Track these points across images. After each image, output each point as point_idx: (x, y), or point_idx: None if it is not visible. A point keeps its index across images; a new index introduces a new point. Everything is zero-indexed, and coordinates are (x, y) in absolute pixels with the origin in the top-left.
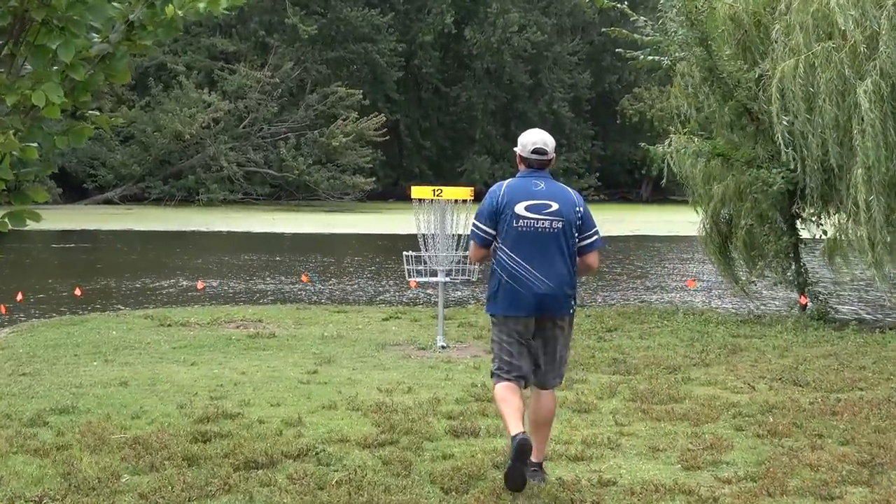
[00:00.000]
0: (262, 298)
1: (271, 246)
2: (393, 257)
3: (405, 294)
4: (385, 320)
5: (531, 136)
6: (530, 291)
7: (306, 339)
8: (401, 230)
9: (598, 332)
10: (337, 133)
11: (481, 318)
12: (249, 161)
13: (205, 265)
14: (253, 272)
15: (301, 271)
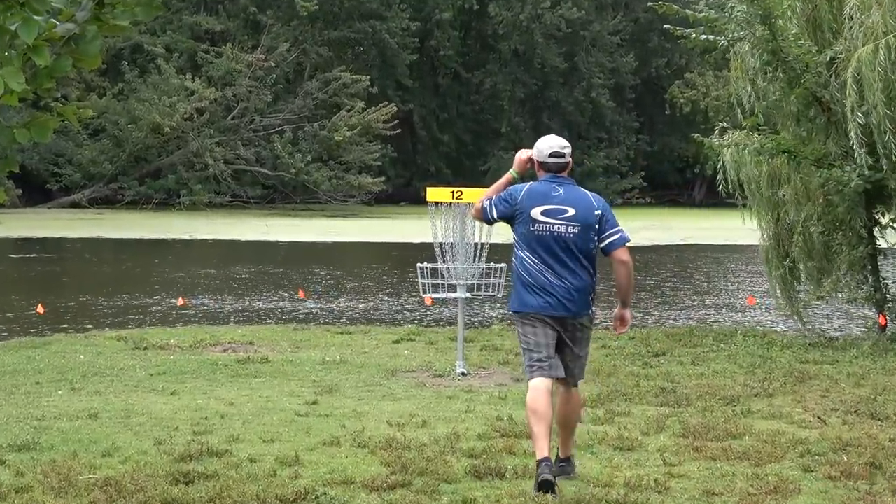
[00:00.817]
0: (254, 317)
1: (264, 256)
2: (405, 270)
3: (419, 312)
4: (396, 343)
5: (547, 141)
6: (548, 293)
7: (304, 365)
8: (414, 238)
9: (644, 357)
10: (340, 126)
11: (508, 340)
12: (239, 158)
13: (187, 279)
14: (243, 287)
15: (298, 286)
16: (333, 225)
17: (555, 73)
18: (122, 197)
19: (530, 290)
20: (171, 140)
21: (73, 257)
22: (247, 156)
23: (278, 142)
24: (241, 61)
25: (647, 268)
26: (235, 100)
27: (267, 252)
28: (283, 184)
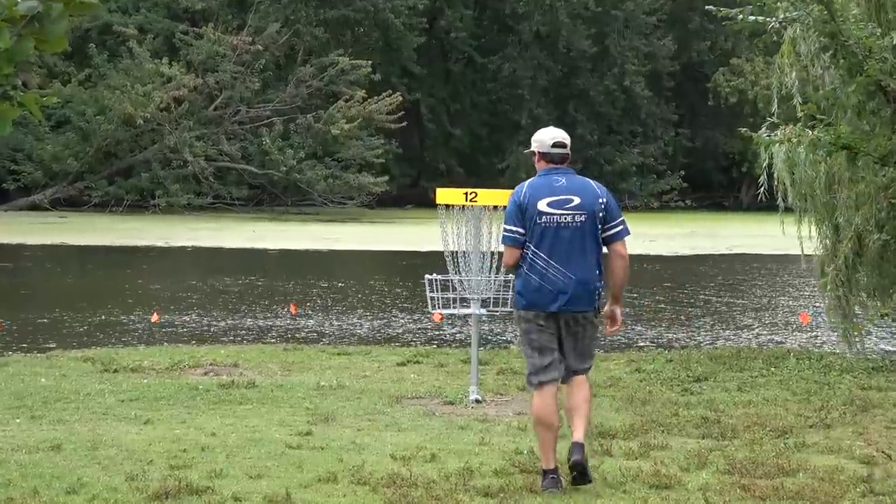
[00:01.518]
0: (239, 336)
1: (251, 266)
2: (412, 282)
3: (428, 331)
4: (401, 365)
5: (549, 132)
6: (555, 287)
7: (297, 390)
8: (422, 246)
9: (684, 383)
10: (337, 118)
11: None
12: (222, 154)
13: (163, 292)
14: (226, 301)
15: (290, 300)
16: (329, 231)
17: (582, 58)
18: (89, 198)
19: (535, 286)
20: (145, 133)
21: (32, 267)
22: (231, 152)
23: (267, 136)
24: (224, 44)
25: (688, 280)
26: (218, 88)
27: (254, 261)
28: (272, 184)
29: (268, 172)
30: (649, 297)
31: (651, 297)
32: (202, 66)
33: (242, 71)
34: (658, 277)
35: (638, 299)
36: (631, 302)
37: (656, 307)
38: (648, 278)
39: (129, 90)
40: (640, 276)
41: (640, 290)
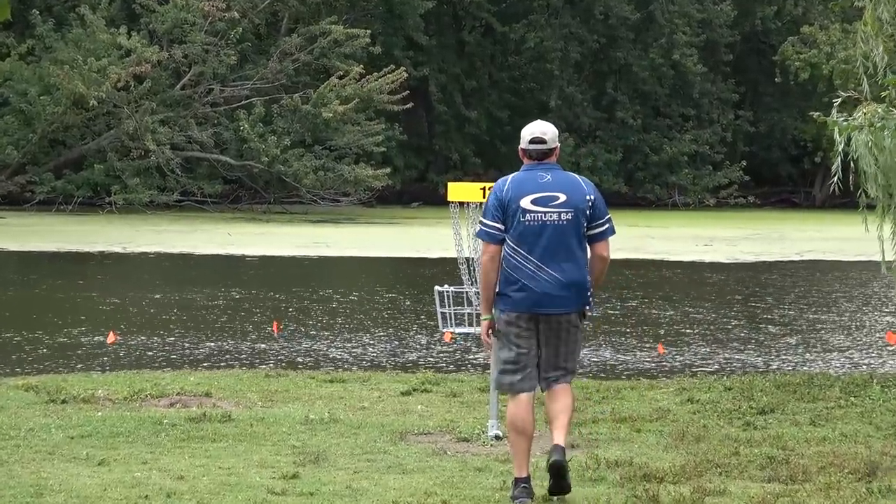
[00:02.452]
0: (212, 360)
1: (226, 276)
2: (418, 295)
3: (438, 353)
4: (406, 394)
5: (529, 127)
6: (539, 288)
7: (281, 425)
8: (431, 252)
9: (745, 415)
10: (330, 98)
11: None
12: (191, 142)
13: (121, 307)
14: (197, 318)
15: (272, 317)
16: (320, 233)
17: (623, 26)
18: (32, 195)
19: (517, 286)
20: (99, 117)
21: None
22: (202, 139)
23: (245, 120)
24: (194, 10)
25: (747, 291)
26: (187, 63)
27: (230, 270)
28: (251, 177)
29: (246, 164)
30: (705, 311)
31: (706, 312)
32: (167, 36)
33: (216, 42)
34: (710, 289)
35: (696, 313)
36: (686, 318)
37: (712, 324)
38: (700, 290)
39: (81, 65)
40: (689, 287)
41: (693, 303)
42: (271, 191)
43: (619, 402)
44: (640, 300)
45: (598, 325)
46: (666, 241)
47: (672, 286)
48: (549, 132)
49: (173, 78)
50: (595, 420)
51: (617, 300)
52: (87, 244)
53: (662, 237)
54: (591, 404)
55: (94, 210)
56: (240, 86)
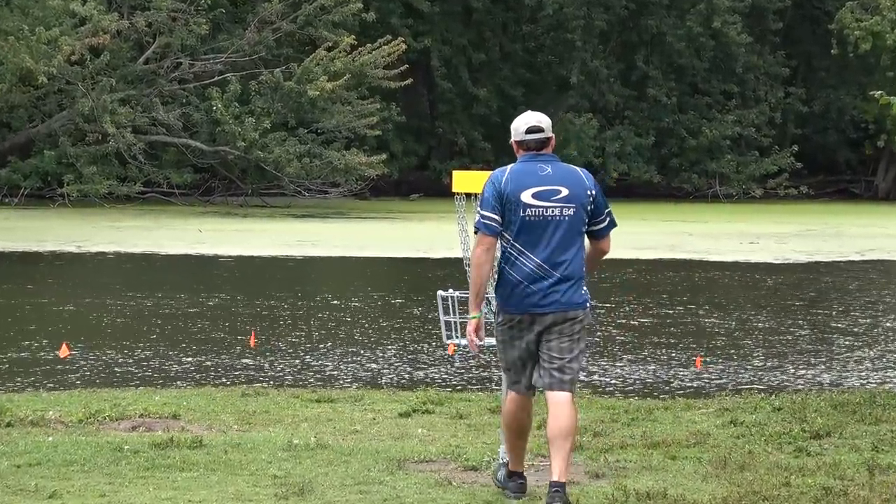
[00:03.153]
0: (180, 376)
1: (197, 280)
2: (419, 301)
3: (441, 368)
4: (404, 416)
5: (523, 118)
6: (539, 287)
7: (260, 451)
8: (433, 251)
9: (797, 440)
10: (316, 74)
11: (582, 411)
12: (156, 125)
13: (76, 316)
14: (163, 328)
15: (249, 327)
16: (305, 230)
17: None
18: None
19: (516, 283)
20: (50, 96)
21: None
22: (169, 121)
23: (218, 99)
24: None
25: (802, 296)
26: (151, 33)
27: (201, 273)
28: (225, 165)
29: (220, 150)
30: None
31: (752, 320)
32: (128, 2)
33: (184, 9)
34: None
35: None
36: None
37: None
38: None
39: (28, 36)
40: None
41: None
42: (249, 181)
43: (651, 425)
44: (675, 306)
45: (627, 336)
46: (705, 238)
47: (713, 290)
48: (545, 120)
49: (135, 50)
50: (623, 445)
51: (648, 306)
52: (36, 243)
53: (701, 234)
54: (618, 427)
55: (44, 203)
56: (212, 59)
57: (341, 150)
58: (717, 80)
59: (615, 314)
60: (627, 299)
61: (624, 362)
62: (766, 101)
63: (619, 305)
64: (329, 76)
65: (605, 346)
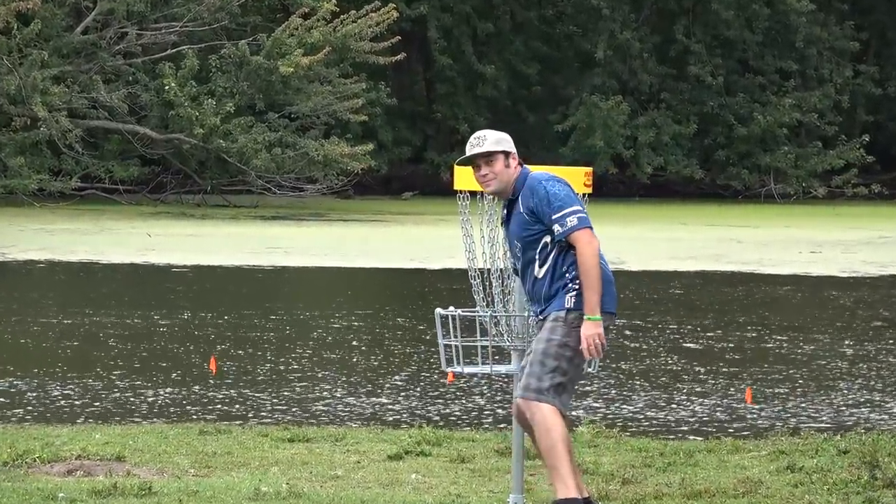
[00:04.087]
0: (125, 410)
1: (145, 293)
2: (414, 320)
3: (440, 401)
4: (395, 459)
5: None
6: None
7: (222, 500)
8: (430, 260)
9: (867, 489)
10: (290, 47)
11: (609, 454)
12: (97, 108)
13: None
14: (105, 352)
15: (208, 350)
16: (276, 235)
17: None
18: None
19: (611, 284)
20: None
21: None
22: (112, 103)
23: (172, 77)
24: None
25: (869, 316)
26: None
27: (150, 286)
28: (180, 157)
29: (173, 138)
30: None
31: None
32: None
33: None
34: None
35: (800, 346)
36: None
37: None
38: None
39: None
40: (791, 311)
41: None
42: (208, 175)
43: (691, 470)
44: (719, 328)
45: (662, 363)
46: (757, 246)
47: (766, 309)
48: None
49: (72, 18)
50: (658, 495)
51: (686, 328)
52: None
53: (752, 241)
54: (652, 473)
55: None
56: (164, 29)
57: (319, 138)
58: (771, 57)
59: (648, 337)
60: (664, 319)
61: (659, 395)
62: (832, 81)
63: (653, 326)
64: (305, 49)
65: (636, 375)
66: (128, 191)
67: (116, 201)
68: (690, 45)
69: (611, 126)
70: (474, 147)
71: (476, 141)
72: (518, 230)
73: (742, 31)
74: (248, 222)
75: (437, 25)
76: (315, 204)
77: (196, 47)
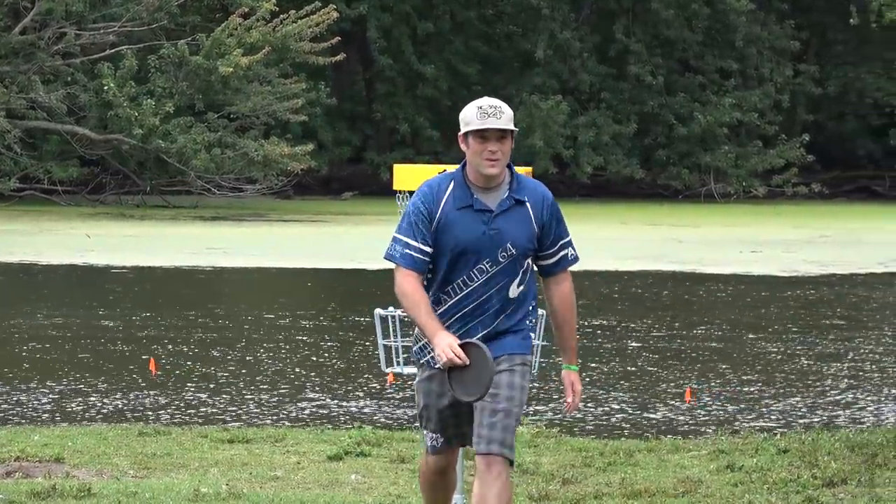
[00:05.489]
0: (64, 411)
1: (84, 295)
2: (353, 321)
3: (380, 401)
4: (334, 459)
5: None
6: None
7: (161, 502)
8: (370, 261)
9: (807, 487)
10: (229, 47)
11: (548, 455)
12: (35, 108)
13: None
14: (43, 353)
15: (148, 352)
16: (216, 235)
17: None
18: None
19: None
20: None
21: None
22: (50, 103)
23: (111, 77)
24: None
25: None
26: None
27: (89, 287)
28: (119, 157)
29: (112, 138)
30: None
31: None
32: None
33: None
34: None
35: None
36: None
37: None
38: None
39: None
40: (731, 310)
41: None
42: (147, 176)
43: (631, 470)
44: (661, 328)
45: (602, 363)
46: (698, 245)
47: (707, 308)
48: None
49: (9, 18)
50: (598, 495)
51: (627, 327)
52: None
53: (693, 240)
54: (592, 473)
55: None
56: (103, 29)
57: (259, 139)
58: (712, 56)
59: (589, 337)
60: (606, 319)
61: (599, 395)
62: (772, 80)
63: (595, 327)
64: (245, 49)
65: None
66: (67, 192)
67: (55, 202)
68: (630, 44)
69: (551, 126)
70: (489, 116)
71: (492, 110)
72: (519, 235)
73: (682, 30)
74: (188, 223)
75: (376, 25)
76: (255, 204)
77: (135, 47)
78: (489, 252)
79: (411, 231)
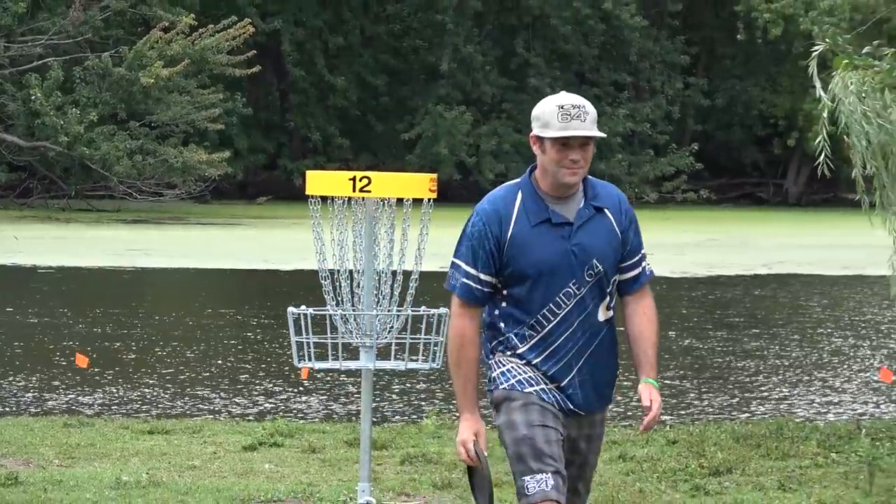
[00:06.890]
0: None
1: (12, 294)
2: (268, 318)
3: (292, 395)
4: (249, 449)
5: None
6: None
7: (85, 489)
8: (284, 261)
9: (695, 477)
10: (150, 59)
11: (448, 445)
12: None
13: None
14: None
15: (74, 347)
16: (138, 237)
17: None
18: None
19: None
20: None
21: None
22: None
23: (38, 87)
24: None
25: (698, 313)
26: None
27: (16, 286)
28: (45, 163)
29: (39, 145)
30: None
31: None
32: None
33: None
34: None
35: None
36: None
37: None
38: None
39: None
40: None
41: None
42: (72, 181)
43: None
44: None
45: None
46: None
47: None
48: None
49: None
50: (497, 482)
51: None
52: None
53: None
54: (492, 462)
55: None
56: (31, 42)
57: (178, 146)
58: (607, 69)
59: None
60: None
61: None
62: (663, 92)
63: None
64: (165, 62)
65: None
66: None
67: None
68: (530, 58)
69: (455, 135)
70: (572, 119)
71: (575, 111)
72: (604, 248)
73: (579, 45)
74: (111, 226)
75: (290, 39)
76: (174, 208)
77: (61, 59)
78: (574, 272)
79: (470, 256)
